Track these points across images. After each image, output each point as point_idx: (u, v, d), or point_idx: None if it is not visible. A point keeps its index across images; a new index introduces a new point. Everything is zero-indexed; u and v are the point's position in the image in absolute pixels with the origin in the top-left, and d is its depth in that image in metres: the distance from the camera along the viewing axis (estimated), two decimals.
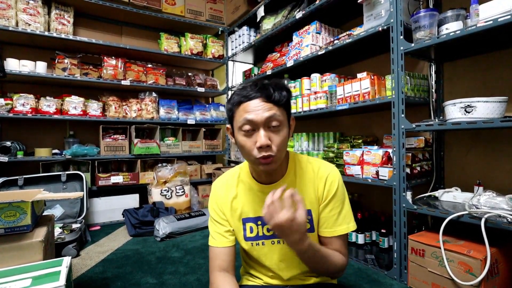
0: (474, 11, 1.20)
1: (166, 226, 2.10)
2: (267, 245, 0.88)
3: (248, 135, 0.77)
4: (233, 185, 0.92)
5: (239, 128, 0.78)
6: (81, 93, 2.62)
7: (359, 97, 1.69)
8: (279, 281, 0.91)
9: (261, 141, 0.74)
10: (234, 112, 0.80)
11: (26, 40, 2.44)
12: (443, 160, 1.66)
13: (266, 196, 0.85)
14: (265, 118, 0.75)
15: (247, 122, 0.75)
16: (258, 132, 0.75)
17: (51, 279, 0.94)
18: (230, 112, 0.82)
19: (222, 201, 0.91)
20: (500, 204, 1.15)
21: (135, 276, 1.52)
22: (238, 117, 0.78)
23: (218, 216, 0.91)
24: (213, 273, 0.86)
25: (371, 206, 2.06)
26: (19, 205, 1.11)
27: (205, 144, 3.12)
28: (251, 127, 0.76)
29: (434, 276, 1.24)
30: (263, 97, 0.76)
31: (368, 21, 1.67)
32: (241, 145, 0.79)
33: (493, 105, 1.17)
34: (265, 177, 0.87)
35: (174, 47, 2.95)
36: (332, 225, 0.86)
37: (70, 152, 2.42)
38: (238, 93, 0.80)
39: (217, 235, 0.89)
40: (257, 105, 0.76)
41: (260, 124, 0.75)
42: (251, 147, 0.76)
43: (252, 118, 0.75)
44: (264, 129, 0.75)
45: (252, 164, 0.82)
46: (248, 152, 0.78)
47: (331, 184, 0.87)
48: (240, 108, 0.78)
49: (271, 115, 0.75)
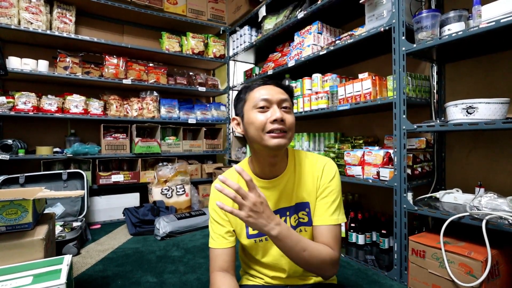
0: (476, 12, 1.19)
1: (166, 225, 2.10)
2: (270, 240, 0.89)
3: (263, 111, 0.81)
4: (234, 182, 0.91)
5: (254, 106, 0.82)
6: (83, 91, 2.63)
7: (360, 98, 1.69)
8: (279, 281, 0.92)
9: (276, 115, 0.79)
10: (246, 97, 0.86)
11: (28, 38, 2.44)
12: (444, 161, 1.66)
13: (270, 191, 0.88)
14: (279, 99, 0.82)
15: (263, 100, 0.81)
16: (272, 108, 0.81)
17: (52, 277, 0.94)
18: (242, 101, 0.87)
19: (223, 199, 0.90)
20: (501, 206, 1.14)
21: (135, 275, 1.52)
22: (251, 99, 0.84)
23: (218, 216, 0.91)
24: (213, 273, 0.86)
25: (372, 206, 2.06)
26: (20, 203, 1.11)
27: (206, 143, 3.13)
28: (266, 104, 0.81)
29: (434, 277, 1.24)
30: (275, 84, 0.86)
31: (370, 21, 1.66)
32: (253, 122, 0.82)
33: (495, 106, 1.16)
34: (269, 171, 0.88)
35: (176, 46, 2.95)
36: (323, 213, 0.85)
37: (71, 150, 2.42)
38: (247, 85, 0.88)
39: (217, 237, 0.89)
40: (272, 88, 0.84)
41: (275, 102, 0.82)
42: (264, 121, 0.80)
43: (267, 97, 0.82)
44: (278, 106, 0.82)
45: (260, 143, 0.81)
46: (260, 126, 0.80)
47: (328, 172, 0.89)
48: (253, 91, 0.85)
49: (285, 98, 0.84)
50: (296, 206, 0.89)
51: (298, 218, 0.90)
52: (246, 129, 0.85)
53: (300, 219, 0.90)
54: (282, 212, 0.90)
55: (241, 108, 0.87)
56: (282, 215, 0.89)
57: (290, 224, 0.89)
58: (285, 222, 0.87)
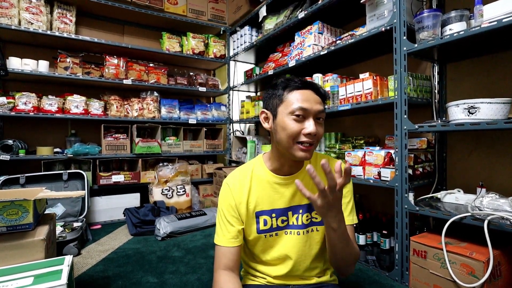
0: (478, 11, 1.19)
1: (167, 225, 2.10)
2: (280, 235, 0.91)
3: (298, 120, 0.80)
4: (247, 179, 0.92)
5: (290, 112, 0.81)
6: (83, 92, 2.63)
7: (361, 98, 1.68)
8: (282, 281, 0.92)
9: (311, 129, 0.79)
10: (284, 97, 0.83)
11: (28, 39, 2.44)
12: (445, 161, 1.66)
13: (285, 188, 0.89)
14: (317, 111, 0.81)
15: (301, 109, 0.80)
16: (308, 120, 0.81)
17: (53, 277, 0.94)
18: (280, 97, 0.84)
19: (237, 196, 0.90)
20: (503, 206, 1.14)
21: (136, 275, 1.52)
22: (290, 103, 0.81)
23: (229, 214, 0.90)
24: (217, 271, 0.86)
25: (373, 207, 2.06)
26: (21, 204, 1.11)
27: (206, 143, 3.13)
28: (303, 114, 0.80)
29: (436, 278, 1.24)
30: (314, 90, 0.84)
31: (371, 21, 1.66)
32: (287, 127, 0.81)
33: (497, 106, 1.16)
34: (288, 167, 0.89)
35: (176, 46, 2.95)
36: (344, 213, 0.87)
37: (71, 151, 2.42)
38: (286, 81, 0.85)
39: (227, 234, 0.88)
40: (310, 95, 0.82)
41: (311, 114, 0.81)
42: (297, 131, 0.80)
43: (307, 107, 0.80)
44: (313, 119, 0.81)
45: (287, 149, 0.83)
46: (292, 134, 0.80)
47: None
48: (293, 93, 0.82)
49: (322, 109, 0.83)
50: (309, 205, 0.90)
51: (311, 217, 0.90)
52: (275, 129, 0.85)
53: (313, 218, 0.90)
54: (295, 209, 0.90)
55: (275, 107, 0.85)
56: (295, 212, 0.90)
57: (302, 222, 0.90)
58: (296, 220, 0.89)
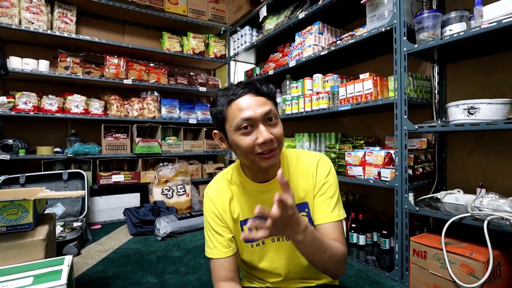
0: (478, 12, 1.19)
1: (167, 225, 2.10)
2: (267, 243, 0.86)
3: (247, 133, 0.73)
4: (226, 187, 0.88)
5: (235, 129, 0.74)
6: (83, 91, 2.63)
7: (361, 98, 1.68)
8: (280, 285, 0.89)
9: (263, 136, 0.71)
10: (225, 113, 0.75)
11: (28, 38, 2.44)
12: (445, 161, 1.66)
13: (264, 194, 0.84)
14: (263, 114, 0.72)
15: (244, 121, 0.72)
16: (257, 129, 0.73)
17: (53, 277, 0.94)
18: (220, 115, 0.77)
19: (219, 205, 0.86)
20: (503, 206, 1.14)
21: (135, 275, 1.52)
22: (232, 118, 0.74)
23: (216, 224, 0.85)
24: (217, 284, 0.81)
25: (373, 207, 2.06)
26: (21, 203, 1.11)
27: (207, 143, 3.13)
28: (249, 124, 0.73)
29: (436, 278, 1.24)
30: (253, 92, 0.74)
31: (371, 21, 1.66)
32: (239, 145, 0.74)
33: (497, 107, 1.16)
34: (262, 175, 0.83)
35: (176, 46, 2.95)
36: (324, 211, 0.82)
37: (71, 150, 2.42)
38: (224, 94, 0.76)
39: (218, 245, 0.84)
40: (250, 101, 0.73)
41: (259, 120, 0.73)
42: (251, 145, 0.73)
43: (250, 115, 0.72)
44: (263, 124, 0.73)
45: (251, 163, 0.77)
46: (247, 150, 0.74)
47: (323, 168, 0.85)
48: (232, 107, 0.74)
49: (268, 110, 0.73)
50: None
51: None
52: (232, 147, 0.79)
53: None
54: None
55: (222, 126, 0.78)
56: None
57: None
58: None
